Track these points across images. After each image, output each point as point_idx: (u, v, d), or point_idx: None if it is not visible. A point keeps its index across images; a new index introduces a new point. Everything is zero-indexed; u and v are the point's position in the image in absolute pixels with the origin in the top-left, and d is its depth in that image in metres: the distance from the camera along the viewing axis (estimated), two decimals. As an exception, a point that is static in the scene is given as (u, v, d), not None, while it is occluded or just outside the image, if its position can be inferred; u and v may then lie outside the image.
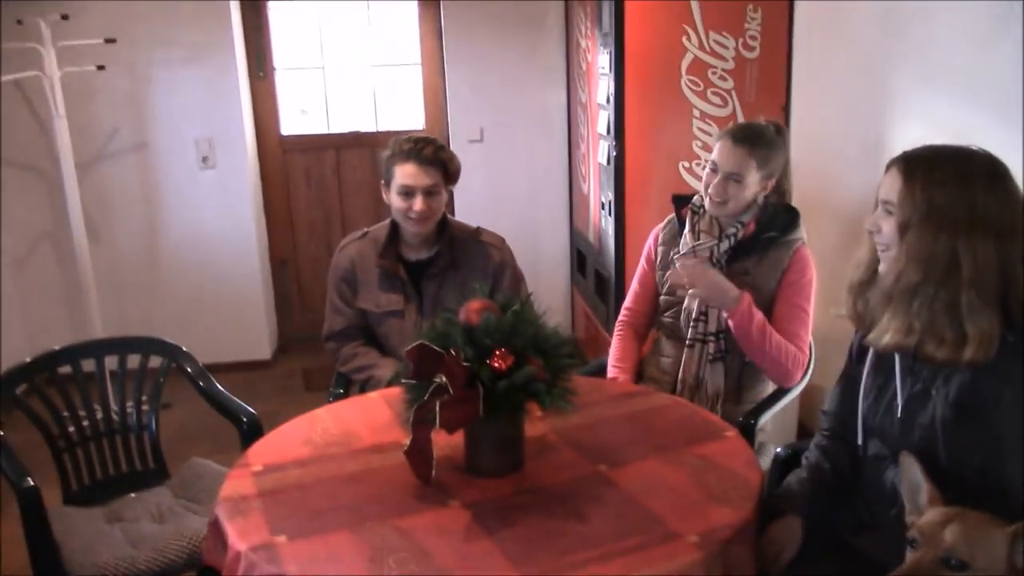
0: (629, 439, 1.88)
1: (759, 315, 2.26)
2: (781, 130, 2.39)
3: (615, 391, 2.21)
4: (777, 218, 2.35)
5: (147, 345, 2.48)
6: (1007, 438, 1.43)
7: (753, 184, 2.30)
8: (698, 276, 2.28)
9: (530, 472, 1.74)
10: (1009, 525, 1.26)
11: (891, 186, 1.52)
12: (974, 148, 1.51)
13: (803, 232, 2.37)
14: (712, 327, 2.36)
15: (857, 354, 1.73)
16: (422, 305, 2.53)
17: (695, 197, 2.44)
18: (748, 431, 2.22)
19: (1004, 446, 1.44)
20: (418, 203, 2.43)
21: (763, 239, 2.33)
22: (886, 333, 1.52)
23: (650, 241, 2.56)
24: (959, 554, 1.23)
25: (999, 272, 1.43)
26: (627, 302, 2.60)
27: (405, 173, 2.43)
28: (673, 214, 2.52)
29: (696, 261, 2.32)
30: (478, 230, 2.63)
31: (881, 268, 1.58)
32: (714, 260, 2.34)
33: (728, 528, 1.50)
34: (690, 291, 2.34)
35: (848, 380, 1.76)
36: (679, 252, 2.40)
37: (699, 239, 2.37)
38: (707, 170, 2.35)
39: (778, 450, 2.01)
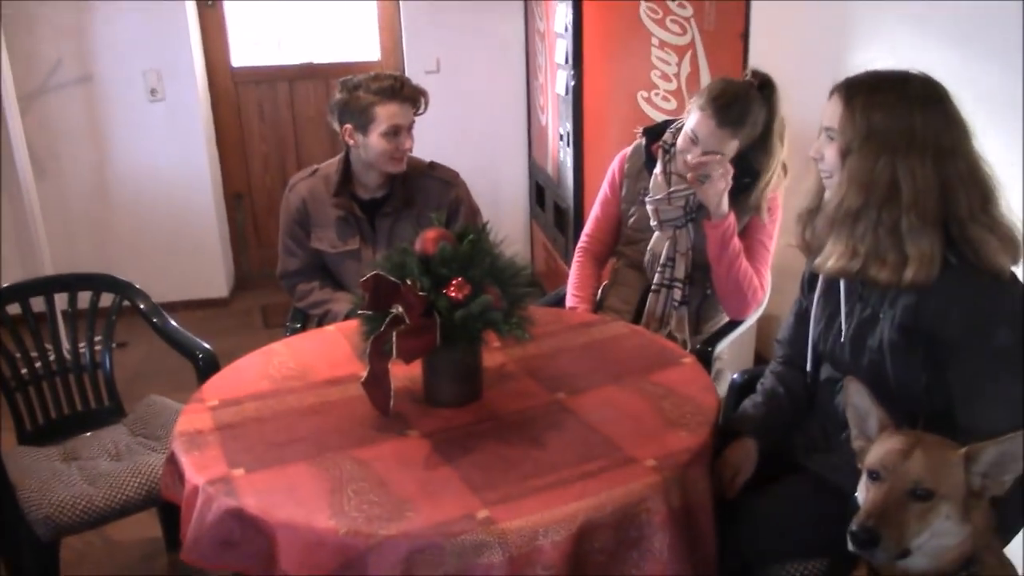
0: (587, 367, 1.89)
1: (738, 240, 2.26)
2: (765, 84, 2.24)
3: (573, 320, 2.21)
4: (752, 164, 2.28)
5: (97, 282, 2.42)
6: (951, 358, 1.46)
7: (731, 153, 2.23)
8: (711, 176, 2.18)
9: (489, 401, 1.75)
10: (959, 446, 1.28)
11: (833, 112, 1.53)
12: (913, 71, 1.51)
13: (776, 173, 2.32)
14: (680, 273, 2.35)
15: (808, 283, 1.76)
16: (376, 244, 2.49)
17: (667, 134, 2.36)
18: (705, 358, 2.24)
19: (949, 366, 1.47)
20: (407, 141, 2.41)
21: (738, 185, 2.27)
22: (830, 258, 1.54)
23: (615, 166, 2.50)
24: (925, 483, 1.24)
25: (939, 194, 1.44)
26: (587, 228, 2.58)
27: (391, 113, 2.36)
28: (639, 141, 2.46)
29: (720, 162, 2.19)
30: (431, 165, 2.58)
31: (826, 195, 1.59)
32: (688, 208, 2.32)
33: (685, 452, 1.52)
34: (689, 182, 2.23)
35: (800, 309, 1.79)
36: (650, 195, 2.36)
37: (671, 184, 2.33)
38: (685, 134, 2.24)
39: (734, 376, 2.03)
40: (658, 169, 2.36)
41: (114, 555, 2.53)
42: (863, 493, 1.32)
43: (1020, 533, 1.47)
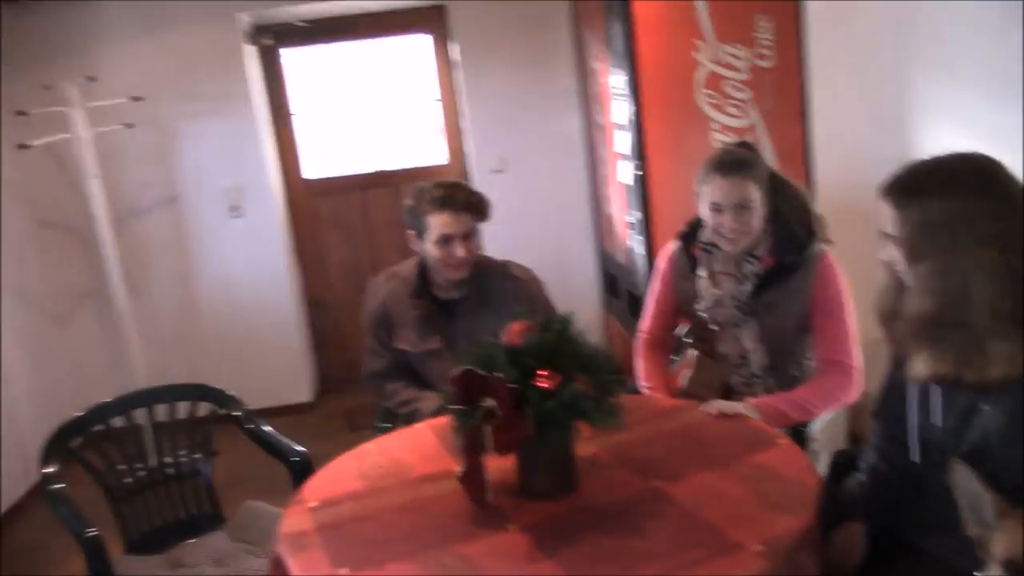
0: (681, 453, 1.87)
1: (782, 400, 2.20)
2: (751, 146, 2.38)
3: (661, 406, 2.20)
4: (792, 241, 2.27)
5: (194, 392, 2.51)
6: None
7: (759, 206, 2.24)
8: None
9: (584, 492, 1.74)
10: None
11: (886, 217, 1.51)
12: (959, 154, 1.47)
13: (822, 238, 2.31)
14: (757, 368, 2.32)
15: (899, 360, 1.70)
16: (456, 343, 2.53)
17: (701, 233, 2.36)
18: (800, 439, 2.19)
19: None
20: (459, 250, 2.42)
21: (784, 267, 2.27)
22: (921, 366, 1.48)
23: (663, 264, 2.50)
24: None
25: (1010, 283, 1.38)
26: (645, 323, 2.57)
27: (442, 223, 2.40)
28: (679, 244, 2.46)
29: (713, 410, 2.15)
30: (506, 264, 2.62)
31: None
32: (741, 304, 2.30)
33: (791, 535, 1.49)
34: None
35: (893, 386, 1.71)
36: (702, 303, 2.35)
37: (718, 285, 2.33)
38: (708, 212, 2.27)
39: (832, 456, 1.98)
40: (703, 272, 2.36)
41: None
42: None
43: None
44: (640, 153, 3.48)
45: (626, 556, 1.48)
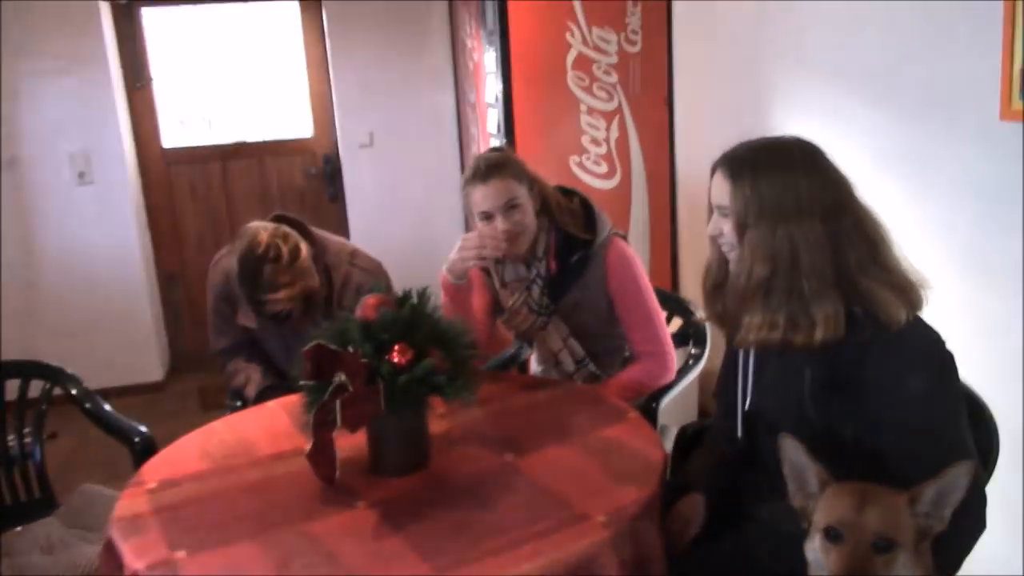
0: (533, 428, 1.89)
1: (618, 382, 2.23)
2: (503, 150, 2.33)
3: (516, 383, 2.21)
4: (572, 238, 2.22)
5: (26, 369, 2.35)
6: (876, 408, 1.47)
7: (526, 200, 2.15)
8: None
9: (436, 468, 1.72)
10: (900, 491, 1.30)
11: (721, 189, 1.56)
12: (786, 136, 1.57)
13: (605, 228, 2.25)
14: (570, 366, 2.28)
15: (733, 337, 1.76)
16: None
17: None
18: (650, 414, 2.25)
19: (874, 415, 1.48)
20: None
21: (572, 267, 2.22)
22: (750, 332, 1.54)
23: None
24: (886, 534, 1.25)
25: (832, 252, 1.47)
26: None
27: None
28: None
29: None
30: (353, 254, 2.52)
31: (732, 268, 1.61)
32: (536, 310, 2.25)
33: (634, 505, 1.52)
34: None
35: (728, 363, 1.78)
36: (502, 316, 2.32)
37: (512, 295, 2.26)
38: (479, 224, 2.16)
39: (678, 429, 2.04)
40: (497, 284, 2.30)
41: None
42: (821, 554, 1.31)
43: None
44: (509, 131, 3.48)
45: (474, 529, 1.48)
